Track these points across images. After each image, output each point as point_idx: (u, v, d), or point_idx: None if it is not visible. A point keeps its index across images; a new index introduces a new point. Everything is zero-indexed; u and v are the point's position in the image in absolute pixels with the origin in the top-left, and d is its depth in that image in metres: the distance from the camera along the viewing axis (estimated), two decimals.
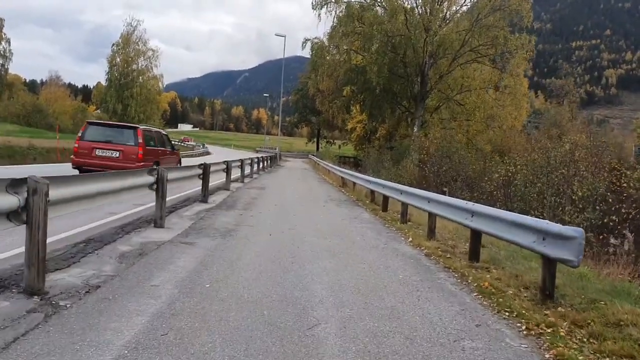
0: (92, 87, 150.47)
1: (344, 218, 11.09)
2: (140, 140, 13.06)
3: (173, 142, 17.50)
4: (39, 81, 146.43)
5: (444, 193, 22.96)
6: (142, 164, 12.28)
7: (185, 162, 17.39)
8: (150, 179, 7.99)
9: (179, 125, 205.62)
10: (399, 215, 12.04)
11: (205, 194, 11.98)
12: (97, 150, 12.90)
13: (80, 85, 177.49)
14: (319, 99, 67.96)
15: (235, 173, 20.09)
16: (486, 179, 19.68)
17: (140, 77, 73.81)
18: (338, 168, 25.21)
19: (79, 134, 13.42)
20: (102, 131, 13.64)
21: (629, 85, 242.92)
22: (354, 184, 18.63)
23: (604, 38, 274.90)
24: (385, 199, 13.03)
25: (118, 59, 72.86)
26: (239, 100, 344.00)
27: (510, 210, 15.08)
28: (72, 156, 13.36)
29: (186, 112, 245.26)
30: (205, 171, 11.86)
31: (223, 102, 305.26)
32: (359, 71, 36.02)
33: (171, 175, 8.85)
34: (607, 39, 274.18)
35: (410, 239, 8.79)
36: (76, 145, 13.17)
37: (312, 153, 74.82)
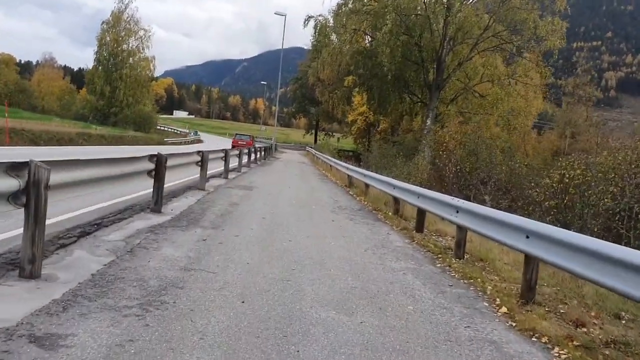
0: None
1: (367, 247, 7.14)
2: (250, 139, 49.04)
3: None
4: (34, 62, 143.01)
5: (471, 200, 19.05)
6: (251, 145, 36.46)
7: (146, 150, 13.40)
8: (12, 184, 4.03)
9: (174, 112, 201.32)
10: (444, 240, 8.25)
11: (157, 200, 8.01)
12: (239, 142, 44.91)
13: (76, 69, 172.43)
14: (319, 89, 63.85)
15: (218, 167, 16.17)
16: (532, 184, 15.79)
17: (131, 59, 69.45)
18: (343, 164, 21.22)
19: (234, 137, 53.05)
20: (240, 136, 51.73)
21: (628, 88, 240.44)
22: (367, 185, 14.67)
23: (605, 40, 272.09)
24: (421, 213, 9.11)
25: (108, 38, 68.40)
26: (237, 90, 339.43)
27: (568, 228, 11.34)
28: (232, 142, 45.64)
29: (183, 99, 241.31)
30: (158, 166, 7.89)
31: (220, 90, 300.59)
32: (367, 55, 32.00)
33: (63, 176, 4.85)
34: (608, 41, 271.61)
35: (501, 306, 4.84)
36: (233, 140, 48.43)
37: (310, 145, 70.96)
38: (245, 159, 22.30)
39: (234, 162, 19.86)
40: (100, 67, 68.21)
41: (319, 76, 62.78)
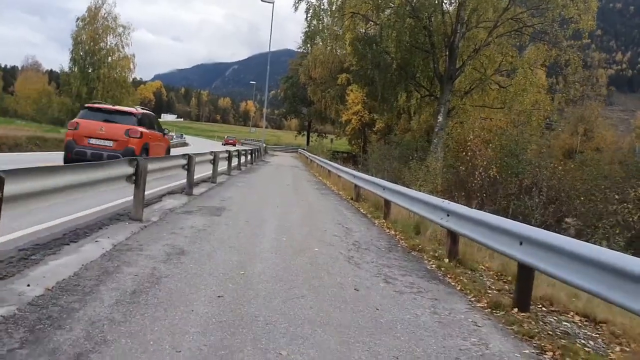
0: None
1: None
2: (235, 139, 70.79)
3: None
4: (20, 68, 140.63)
5: (508, 215, 14.84)
6: (235, 143, 61.73)
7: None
8: None
9: (162, 115, 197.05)
10: (578, 329, 3.98)
11: None
12: (229, 140, 71.51)
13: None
14: (311, 88, 60.04)
15: (180, 177, 11.84)
16: (616, 197, 11.51)
17: (109, 57, 64.68)
18: (349, 171, 16.65)
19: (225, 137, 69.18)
20: (230, 137, 73.43)
21: (618, 85, 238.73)
22: (387, 202, 10.32)
23: (595, 38, 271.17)
24: (527, 275, 4.80)
25: (84, 36, 63.63)
26: (228, 93, 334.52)
27: None
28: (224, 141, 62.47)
29: (172, 103, 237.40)
30: None
31: (210, 93, 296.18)
32: (368, 42, 27.66)
33: None
34: (598, 39, 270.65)
35: None
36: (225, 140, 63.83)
37: (302, 147, 66.78)
38: (224, 166, 17.94)
39: (207, 171, 15.54)
40: (76, 67, 63.50)
41: (310, 74, 58.94)
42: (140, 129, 13.01)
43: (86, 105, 13.90)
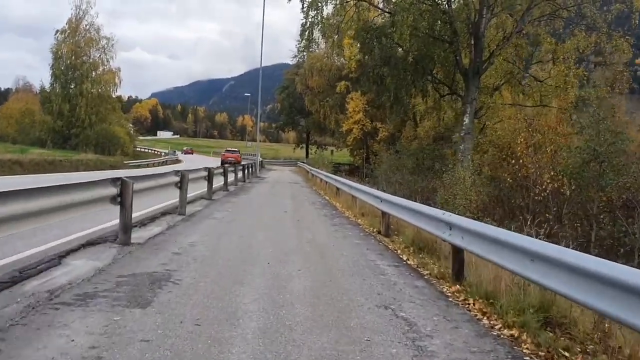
0: None
1: None
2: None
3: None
4: (14, 89, 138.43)
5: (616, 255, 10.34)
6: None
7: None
8: None
9: (158, 132, 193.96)
10: None
11: None
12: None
13: None
14: (308, 98, 56.39)
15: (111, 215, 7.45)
16: None
17: (93, 72, 60.39)
18: (371, 191, 11.96)
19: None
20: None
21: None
22: (458, 250, 5.89)
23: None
24: None
25: (64, 50, 59.43)
26: (225, 108, 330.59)
27: None
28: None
29: (168, 120, 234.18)
30: None
31: (207, 109, 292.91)
32: (376, 33, 23.43)
33: None
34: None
35: None
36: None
37: (302, 160, 62.64)
38: (200, 190, 13.61)
39: (170, 201, 11.20)
40: (57, 83, 59.23)
41: (307, 83, 55.07)
42: (239, 155, 51.92)
43: (226, 149, 57.19)
